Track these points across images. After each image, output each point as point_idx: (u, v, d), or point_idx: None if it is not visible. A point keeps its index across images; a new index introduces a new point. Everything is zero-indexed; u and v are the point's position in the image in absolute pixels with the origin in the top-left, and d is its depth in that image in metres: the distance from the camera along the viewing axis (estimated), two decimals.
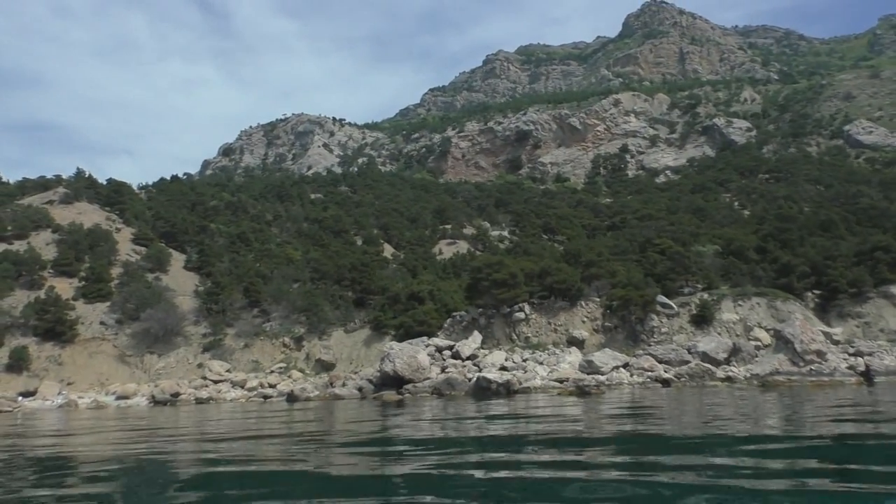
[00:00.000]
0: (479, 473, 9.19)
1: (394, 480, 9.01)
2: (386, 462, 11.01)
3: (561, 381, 35.65)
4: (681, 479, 7.94)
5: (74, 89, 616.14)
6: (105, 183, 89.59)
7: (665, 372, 36.25)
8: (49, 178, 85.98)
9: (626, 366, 37.89)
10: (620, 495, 7.32)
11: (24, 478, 11.14)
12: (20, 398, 46.08)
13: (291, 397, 38.20)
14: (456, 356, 40.64)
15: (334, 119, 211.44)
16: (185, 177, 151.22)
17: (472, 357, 40.50)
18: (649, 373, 36.48)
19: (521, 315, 43.77)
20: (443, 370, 38.82)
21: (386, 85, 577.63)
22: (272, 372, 50.42)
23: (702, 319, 41.51)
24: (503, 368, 38.74)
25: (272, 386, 46.48)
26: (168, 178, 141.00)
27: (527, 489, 7.98)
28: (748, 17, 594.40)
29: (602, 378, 35.67)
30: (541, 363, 39.71)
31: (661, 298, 42.87)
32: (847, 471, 8.57)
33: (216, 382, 48.92)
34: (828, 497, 7.04)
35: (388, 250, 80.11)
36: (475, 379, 33.73)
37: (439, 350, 41.23)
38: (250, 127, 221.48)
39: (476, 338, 41.72)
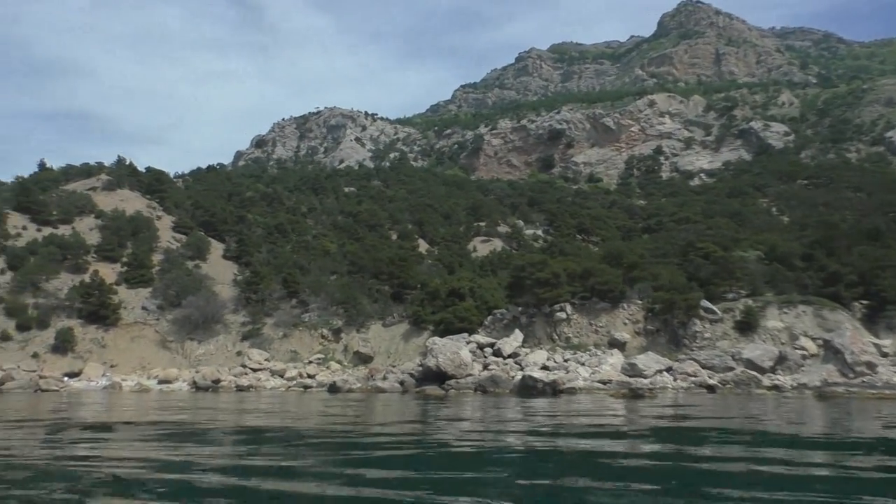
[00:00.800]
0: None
1: None
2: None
3: (604, 383, 35.60)
4: None
5: (109, 79, 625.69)
6: (144, 171, 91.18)
7: (710, 378, 35.97)
8: (92, 165, 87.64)
9: (669, 370, 37.66)
10: None
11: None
12: (66, 378, 47.20)
13: (333, 388, 38.56)
14: (497, 354, 40.73)
15: (366, 113, 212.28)
16: (218, 167, 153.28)
17: (513, 355, 40.54)
18: (693, 378, 36.22)
19: (562, 315, 43.68)
20: (485, 367, 38.95)
21: (415, 81, 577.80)
22: (310, 362, 50.91)
23: (746, 326, 41.03)
24: (545, 368, 38.75)
25: (311, 376, 46.98)
26: (197, 168, 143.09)
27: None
28: (785, 19, 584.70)
29: (645, 381, 35.49)
30: (582, 364, 39.62)
31: (705, 303, 42.48)
32: None
33: (255, 371, 49.58)
34: None
35: (422, 246, 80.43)
36: (521, 377, 33.75)
37: (480, 347, 41.36)
38: (283, 119, 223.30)
39: (517, 336, 41.74)
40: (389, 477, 8.62)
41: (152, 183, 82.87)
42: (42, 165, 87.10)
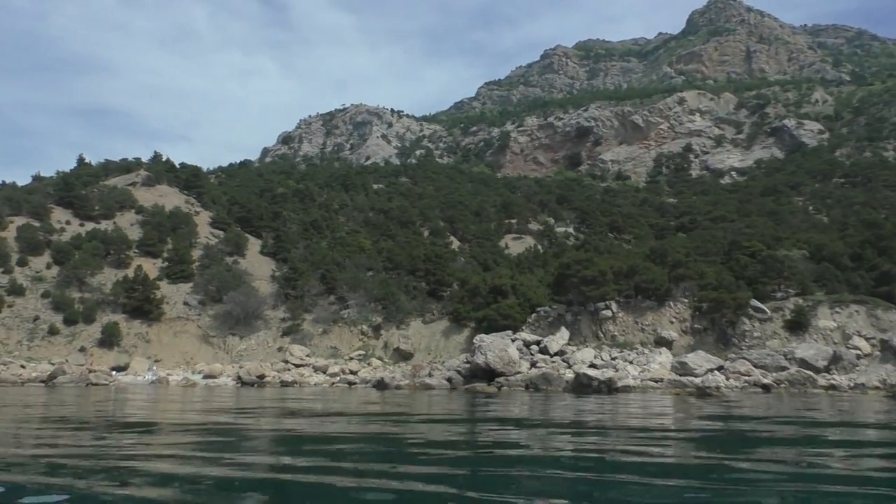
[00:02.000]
0: None
1: None
2: None
3: (656, 381, 35.39)
4: None
5: (137, 77, 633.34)
6: (179, 167, 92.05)
7: (763, 377, 35.58)
8: (130, 161, 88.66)
9: (720, 369, 37.32)
10: None
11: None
12: (114, 373, 47.80)
13: (381, 385, 38.61)
14: (544, 351, 40.64)
15: (392, 110, 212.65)
16: (245, 164, 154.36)
17: (560, 353, 40.42)
18: (746, 377, 35.82)
19: (607, 313, 43.48)
20: (532, 365, 38.86)
21: (437, 79, 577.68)
22: (352, 359, 51.20)
23: (797, 325, 40.55)
24: (592, 366, 38.55)
25: (353, 372, 47.16)
26: (230, 164, 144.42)
27: None
28: (817, 17, 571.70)
29: (697, 380, 35.17)
30: (630, 362, 39.40)
31: (754, 302, 42.04)
32: None
33: (298, 366, 49.93)
34: None
35: (453, 243, 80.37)
36: (575, 375, 33.63)
37: (527, 344, 41.29)
38: (309, 116, 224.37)
39: (564, 334, 41.61)
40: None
41: (189, 179, 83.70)
42: (81, 161, 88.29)
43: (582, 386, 31.82)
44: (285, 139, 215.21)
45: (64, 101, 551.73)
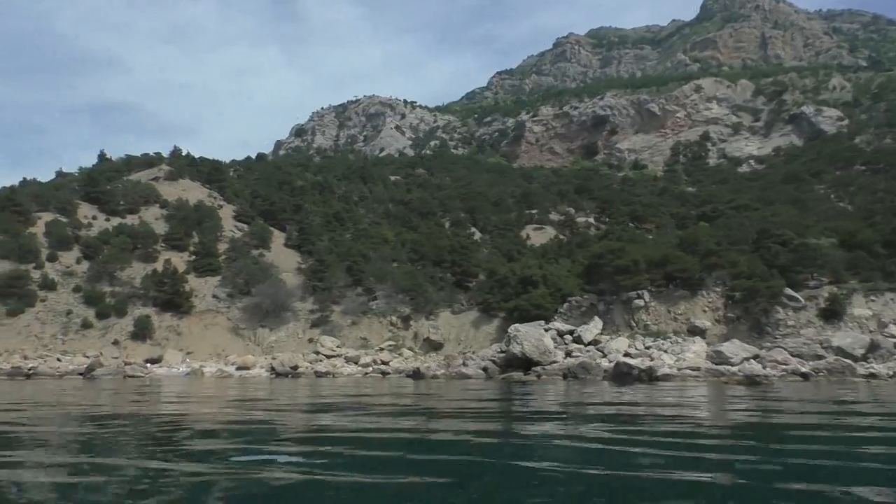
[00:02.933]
0: None
1: None
2: None
3: (694, 370, 35.41)
4: None
5: (144, 72, 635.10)
6: (199, 161, 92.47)
7: (801, 366, 35.55)
8: (152, 156, 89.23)
9: (756, 357, 37.30)
10: None
11: None
12: (148, 365, 48.37)
13: (417, 374, 38.87)
14: (577, 341, 40.71)
15: (405, 101, 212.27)
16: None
17: (594, 342, 40.50)
18: (783, 366, 35.77)
19: (640, 302, 43.53)
20: (568, 354, 38.97)
21: (447, 70, 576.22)
22: (382, 349, 51.57)
23: (831, 314, 40.43)
24: (627, 355, 38.66)
25: (385, 363, 47.58)
26: (236, 159, 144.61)
27: None
28: (831, 2, 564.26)
29: (733, 369, 35.19)
30: (665, 351, 39.42)
31: (788, 291, 41.93)
32: None
33: (329, 357, 50.38)
34: None
35: (475, 234, 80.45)
36: (615, 364, 33.75)
37: (560, 334, 41.35)
38: (322, 108, 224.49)
39: (597, 323, 41.67)
40: None
41: (211, 173, 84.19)
42: (102, 156, 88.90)
43: (622, 375, 31.91)
44: (298, 132, 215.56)
45: (72, 98, 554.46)
